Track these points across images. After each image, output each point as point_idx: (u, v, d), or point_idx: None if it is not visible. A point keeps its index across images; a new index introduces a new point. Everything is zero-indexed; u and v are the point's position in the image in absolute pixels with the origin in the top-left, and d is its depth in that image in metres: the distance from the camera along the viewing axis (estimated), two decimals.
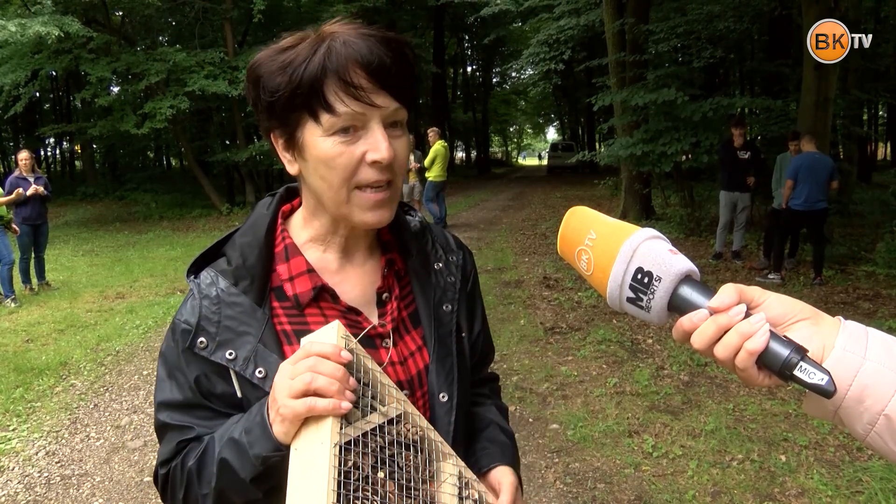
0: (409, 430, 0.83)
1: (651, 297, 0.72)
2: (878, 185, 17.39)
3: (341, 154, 0.86)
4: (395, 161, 0.89)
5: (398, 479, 0.79)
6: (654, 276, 0.72)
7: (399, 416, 0.82)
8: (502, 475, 1.01)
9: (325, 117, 0.85)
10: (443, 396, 1.00)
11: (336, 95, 0.84)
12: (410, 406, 0.84)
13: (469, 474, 0.88)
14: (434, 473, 0.85)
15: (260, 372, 0.90)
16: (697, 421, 4.17)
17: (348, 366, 0.79)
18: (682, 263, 0.72)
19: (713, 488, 3.40)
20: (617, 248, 0.75)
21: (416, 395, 0.99)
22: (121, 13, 18.89)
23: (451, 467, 0.86)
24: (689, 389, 4.67)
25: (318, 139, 0.87)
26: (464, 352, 1.07)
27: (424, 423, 0.84)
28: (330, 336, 0.80)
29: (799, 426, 4.04)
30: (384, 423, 0.80)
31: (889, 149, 31.23)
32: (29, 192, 7.99)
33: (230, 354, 0.90)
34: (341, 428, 0.75)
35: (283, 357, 0.90)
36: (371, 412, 0.80)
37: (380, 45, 0.85)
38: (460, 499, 0.85)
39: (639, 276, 0.73)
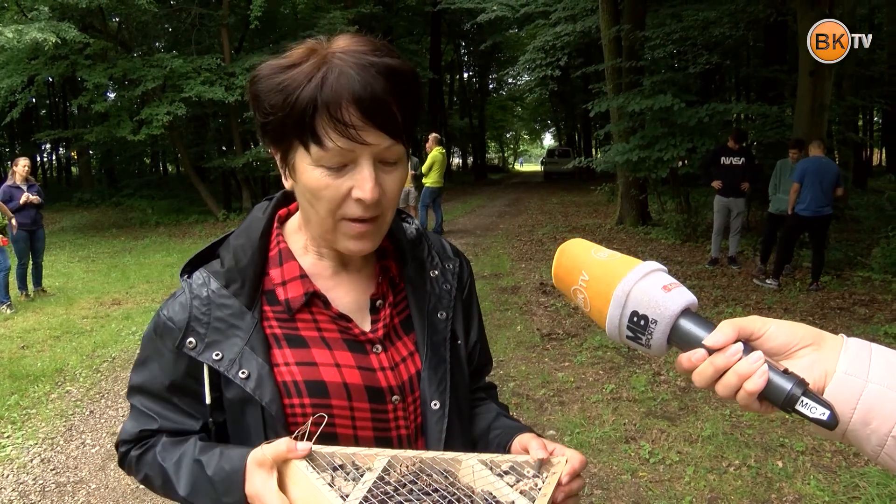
0: (407, 468, 0.83)
1: (649, 337, 0.72)
2: (873, 190, 17.44)
3: (327, 187, 0.85)
4: (384, 198, 0.88)
5: (434, 502, 0.79)
6: (650, 320, 0.72)
7: (389, 463, 0.82)
8: (520, 440, 0.98)
9: (314, 149, 0.83)
10: (434, 404, 1.00)
11: (325, 130, 0.82)
12: (390, 450, 0.84)
13: (487, 456, 0.87)
14: (458, 480, 0.84)
15: (243, 373, 0.91)
16: (694, 427, 4.17)
17: (316, 459, 0.82)
18: (677, 302, 0.71)
19: (710, 494, 3.40)
20: (609, 292, 0.74)
21: (407, 400, 0.99)
22: (117, 19, 18.89)
23: (467, 465, 0.85)
24: (686, 395, 4.67)
25: (307, 167, 0.85)
26: (459, 360, 1.06)
27: (411, 452, 0.85)
28: (278, 447, 0.83)
29: (796, 432, 4.04)
30: (379, 475, 0.81)
31: (884, 154, 31.31)
32: (22, 201, 7.98)
33: (217, 355, 0.92)
34: (344, 500, 0.77)
35: (269, 361, 0.92)
36: (361, 475, 0.81)
37: (379, 76, 0.82)
38: (500, 476, 0.85)
39: (635, 319, 0.73)
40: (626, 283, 0.74)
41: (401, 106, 0.84)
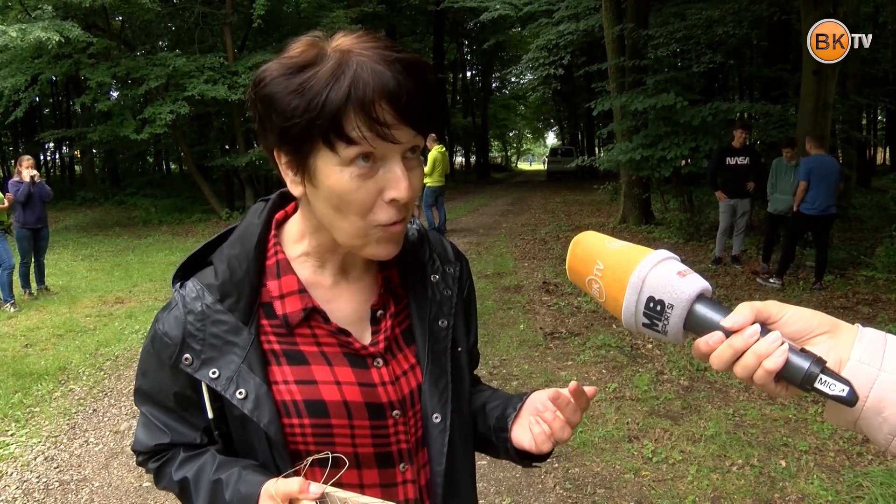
0: None
1: (665, 323, 0.73)
2: (877, 189, 17.41)
3: (358, 189, 0.81)
4: (412, 197, 0.85)
5: None
6: (666, 304, 0.72)
7: None
8: (537, 396, 1.02)
9: (342, 148, 0.79)
10: (436, 417, 0.99)
11: (357, 130, 0.78)
12: None
13: None
14: None
15: (240, 393, 0.88)
16: (697, 426, 4.16)
17: (327, 502, 0.81)
18: (692, 287, 0.72)
19: (713, 493, 3.39)
20: (625, 279, 0.75)
21: (407, 414, 0.98)
22: (121, 18, 18.93)
23: None
24: (689, 394, 4.67)
25: (334, 168, 0.81)
26: (460, 369, 1.04)
27: None
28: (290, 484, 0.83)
29: (799, 431, 4.03)
30: None
31: (888, 153, 31.26)
32: (26, 177, 8.03)
33: (213, 373, 0.89)
34: None
35: (267, 379, 0.90)
36: None
37: (405, 73, 0.79)
38: None
39: (651, 305, 0.74)
40: (641, 269, 0.75)
41: (427, 101, 0.82)
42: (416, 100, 0.80)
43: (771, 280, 7.71)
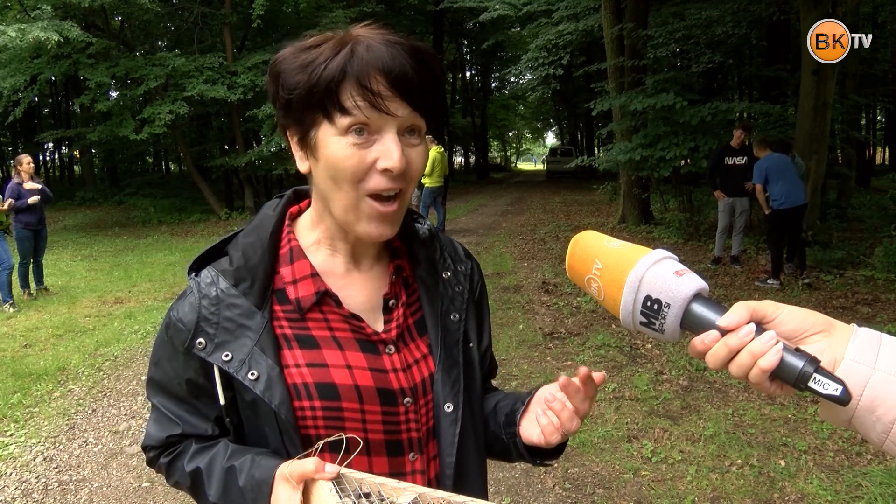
0: None
1: (663, 321, 0.74)
2: (876, 189, 17.43)
3: (352, 157, 0.84)
4: (409, 170, 0.88)
5: None
6: (663, 303, 0.73)
7: (414, 500, 0.80)
8: (547, 388, 1.02)
9: (338, 117, 0.84)
10: (448, 407, 0.99)
11: (352, 99, 0.82)
12: (420, 487, 0.82)
13: None
14: None
15: (252, 374, 0.89)
16: (696, 426, 4.17)
17: (343, 482, 0.81)
18: (689, 286, 0.73)
19: (712, 493, 3.40)
20: (623, 278, 0.76)
21: (419, 402, 0.98)
22: (120, 18, 18.91)
23: None
24: (689, 394, 4.67)
25: (332, 139, 0.85)
26: (472, 362, 1.05)
27: (441, 493, 0.82)
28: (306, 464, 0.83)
29: (798, 431, 4.04)
30: None
31: (887, 153, 31.30)
32: (31, 201, 7.98)
33: (226, 356, 0.90)
34: None
35: (279, 362, 0.90)
36: None
37: (405, 53, 0.84)
38: None
39: (648, 304, 0.74)
40: (639, 268, 0.75)
41: (426, 84, 0.86)
42: (412, 76, 0.84)
43: (769, 281, 7.72)
